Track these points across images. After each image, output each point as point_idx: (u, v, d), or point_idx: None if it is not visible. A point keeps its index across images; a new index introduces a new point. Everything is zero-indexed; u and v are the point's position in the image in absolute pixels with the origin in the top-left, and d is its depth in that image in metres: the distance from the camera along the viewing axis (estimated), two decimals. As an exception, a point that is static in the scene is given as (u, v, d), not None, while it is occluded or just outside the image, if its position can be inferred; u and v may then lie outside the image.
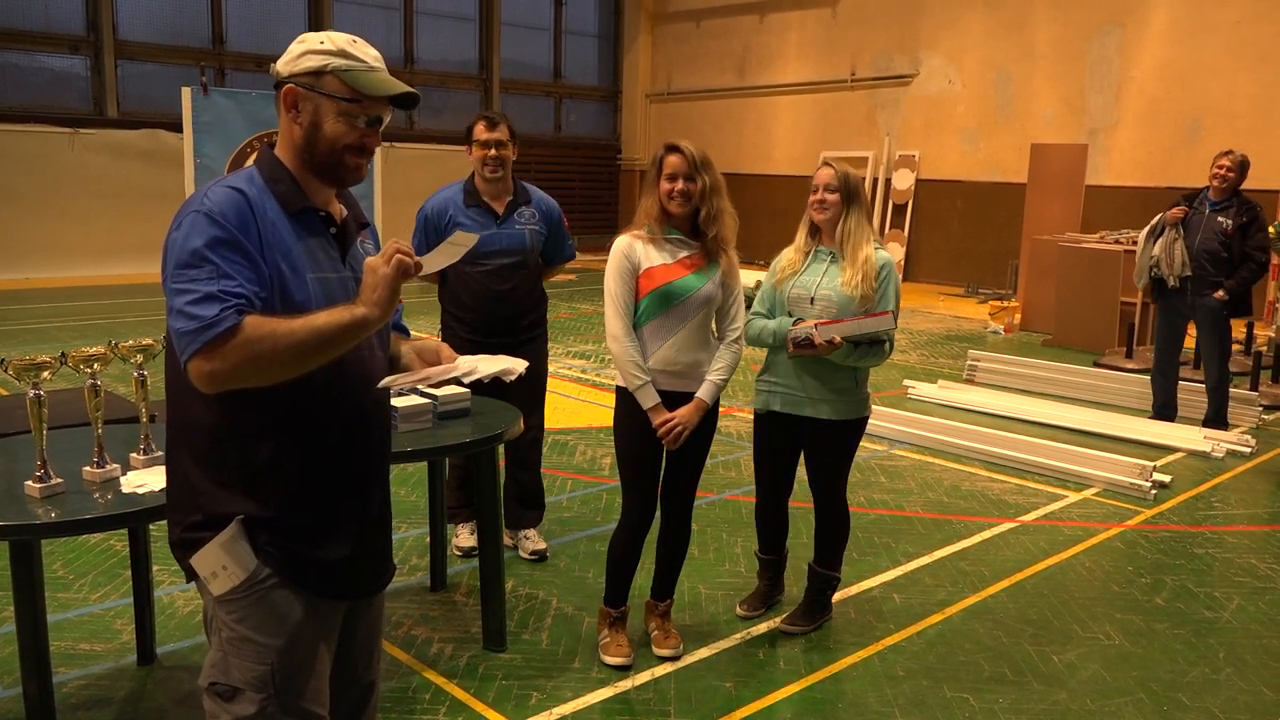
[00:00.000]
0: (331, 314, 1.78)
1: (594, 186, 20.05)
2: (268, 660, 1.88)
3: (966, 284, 15.06)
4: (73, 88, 14.62)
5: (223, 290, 1.72)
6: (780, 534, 3.97)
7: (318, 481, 1.92)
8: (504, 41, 18.78)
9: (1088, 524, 5.14)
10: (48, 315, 10.92)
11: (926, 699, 3.39)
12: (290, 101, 1.90)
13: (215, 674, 1.90)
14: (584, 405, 7.46)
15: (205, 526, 1.87)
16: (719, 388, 3.44)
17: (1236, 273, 6.59)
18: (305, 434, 1.89)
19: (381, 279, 1.80)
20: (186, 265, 1.76)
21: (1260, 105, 12.44)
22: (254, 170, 1.93)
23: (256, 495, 1.87)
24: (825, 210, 3.63)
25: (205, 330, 1.69)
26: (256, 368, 1.72)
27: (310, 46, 1.90)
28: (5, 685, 3.31)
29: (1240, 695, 3.48)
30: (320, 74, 1.88)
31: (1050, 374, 8.26)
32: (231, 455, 1.86)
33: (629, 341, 3.36)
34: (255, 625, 1.88)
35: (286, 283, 1.83)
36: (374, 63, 1.93)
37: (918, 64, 15.89)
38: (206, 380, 1.72)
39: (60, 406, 3.58)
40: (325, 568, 1.95)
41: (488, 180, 4.19)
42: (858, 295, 3.56)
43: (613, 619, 3.62)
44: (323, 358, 1.79)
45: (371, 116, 1.91)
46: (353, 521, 1.99)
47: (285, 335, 1.72)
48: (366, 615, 2.13)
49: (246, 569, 1.87)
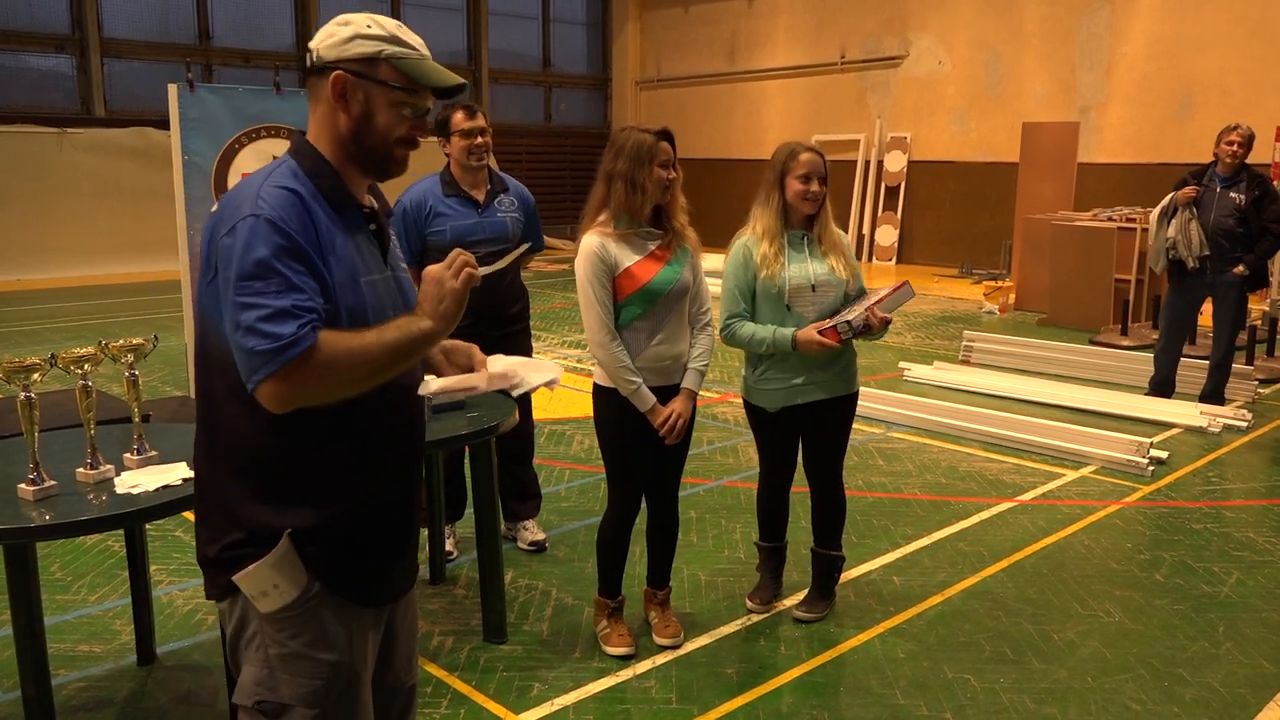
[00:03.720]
0: (399, 326, 1.71)
1: (585, 175, 19.81)
2: (322, 675, 1.81)
3: (960, 265, 15.06)
4: (59, 87, 14.55)
5: (295, 306, 1.62)
6: (782, 521, 3.96)
7: (369, 492, 1.84)
8: (492, 31, 18.71)
9: (1086, 502, 5.14)
10: (39, 317, 10.88)
11: (928, 680, 3.39)
12: (339, 90, 1.77)
13: (261, 691, 1.81)
14: (580, 395, 7.44)
15: (248, 543, 1.77)
16: (703, 374, 3.44)
17: (1256, 246, 6.60)
18: (356, 444, 1.81)
19: (449, 292, 1.73)
20: (251, 277, 1.62)
21: (1251, 80, 12.42)
22: (293, 163, 1.79)
23: (306, 508, 1.78)
24: (815, 201, 3.56)
25: (284, 350, 1.59)
26: (333, 386, 1.65)
27: (359, 30, 1.77)
28: (4, 689, 3.30)
29: (1240, 669, 3.48)
30: (374, 61, 1.76)
31: (1046, 353, 8.27)
32: (280, 468, 1.77)
33: (616, 347, 3.27)
34: (309, 640, 1.80)
35: (345, 289, 1.73)
36: (423, 50, 1.83)
37: (907, 45, 15.85)
38: (281, 401, 1.63)
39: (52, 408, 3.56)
40: (372, 577, 1.89)
41: (471, 169, 4.12)
42: (845, 275, 3.62)
43: (610, 609, 3.61)
44: (393, 373, 1.73)
45: (421, 107, 1.82)
46: (401, 529, 1.94)
47: (361, 352, 1.66)
48: (404, 618, 2.05)
49: (299, 585, 1.78)
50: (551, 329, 10.26)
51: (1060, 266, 10.38)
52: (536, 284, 13.60)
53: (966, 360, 8.55)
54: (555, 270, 15.02)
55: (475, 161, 4.10)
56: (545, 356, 8.70)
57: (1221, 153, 6.67)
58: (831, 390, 3.67)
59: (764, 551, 4.00)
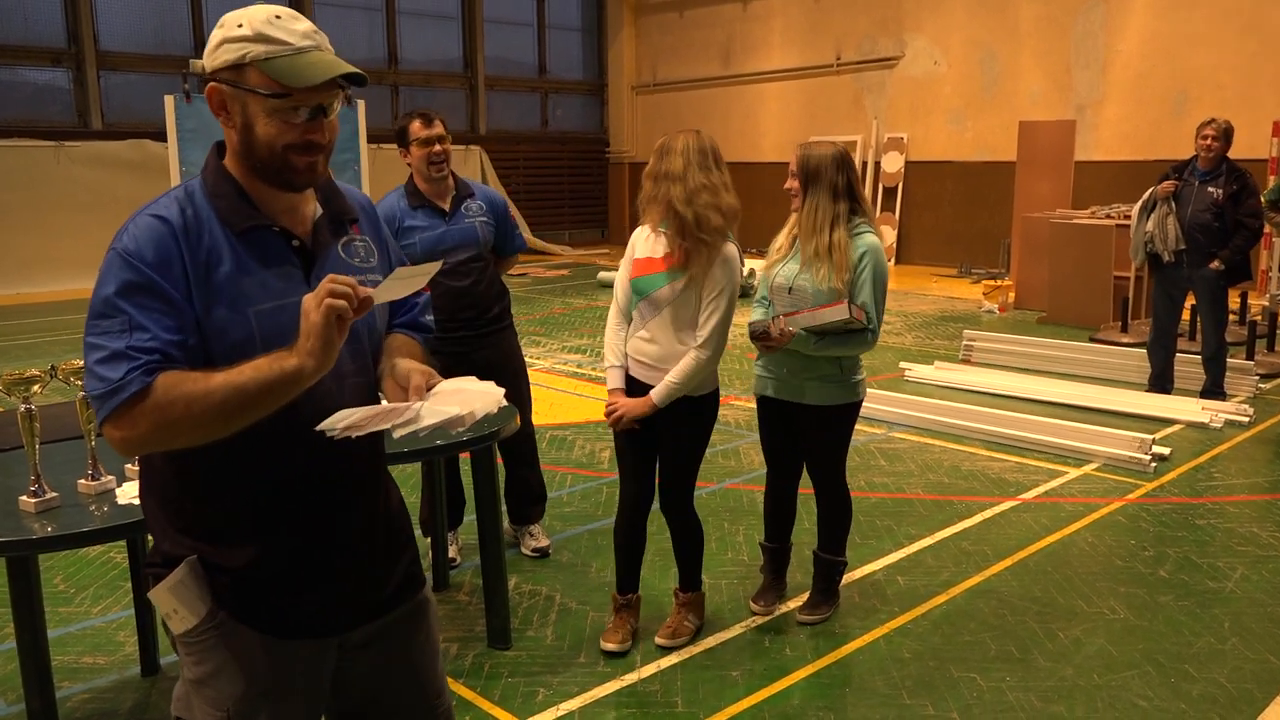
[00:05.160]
0: (257, 366, 1.53)
1: (583, 181, 20.00)
2: (224, 706, 1.75)
3: (959, 264, 15.06)
4: (56, 100, 14.57)
5: (131, 347, 1.53)
6: (786, 521, 3.96)
7: (274, 530, 1.73)
8: (488, 38, 18.73)
9: (1088, 499, 5.14)
10: (39, 330, 10.88)
11: (934, 680, 3.39)
12: (217, 103, 1.63)
13: (180, 708, 1.82)
14: (581, 400, 7.45)
15: (163, 565, 1.73)
16: (672, 390, 3.34)
17: (1231, 241, 6.59)
18: (257, 482, 1.70)
19: (312, 327, 1.52)
20: (99, 315, 1.57)
21: (1246, 75, 12.44)
22: (198, 182, 1.69)
23: (211, 540, 1.71)
24: (793, 198, 3.61)
25: (112, 396, 1.52)
26: (173, 432, 1.54)
27: (227, 33, 1.60)
28: (9, 701, 3.30)
29: (1246, 664, 3.48)
30: (240, 67, 1.60)
31: (1046, 351, 8.26)
32: (185, 499, 1.72)
33: (615, 324, 3.53)
34: (213, 669, 1.74)
35: (223, 323, 1.61)
36: (301, 41, 1.61)
37: (902, 46, 15.86)
38: (121, 446, 1.56)
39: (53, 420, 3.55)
40: (289, 610, 1.76)
41: (432, 180, 4.05)
42: (826, 286, 3.49)
43: (618, 605, 3.67)
44: (252, 415, 1.55)
45: (312, 106, 1.61)
46: (318, 565, 1.78)
47: (202, 396, 1.51)
48: (408, 647, 1.92)
49: (197, 614, 1.71)
50: (551, 334, 10.25)
51: (1059, 265, 10.38)
52: (535, 290, 13.60)
53: (967, 360, 8.54)
54: (554, 276, 15.03)
55: (436, 172, 4.04)
56: (538, 363, 8.69)
57: (1198, 148, 6.69)
58: (797, 395, 3.65)
59: (766, 552, 4.01)
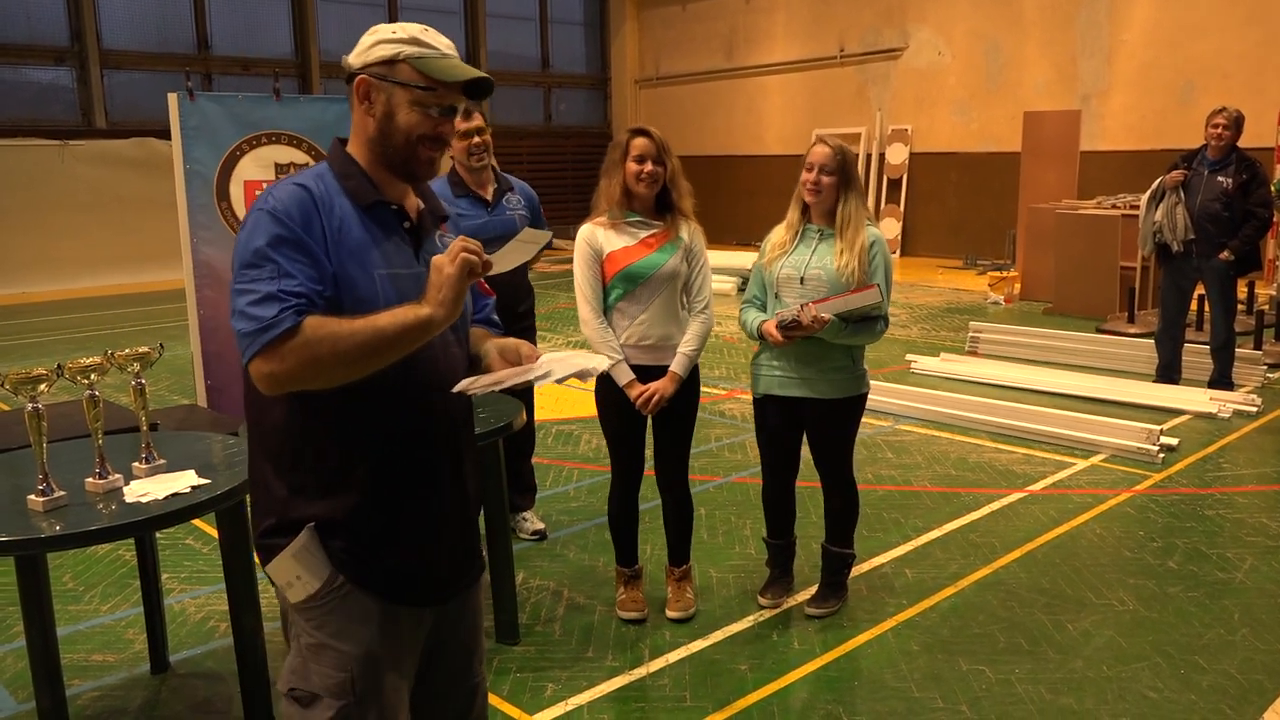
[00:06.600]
0: (395, 314, 1.72)
1: (586, 175, 19.82)
2: (347, 668, 1.84)
3: (965, 256, 15.02)
4: (60, 99, 14.58)
5: (283, 290, 1.68)
6: (788, 518, 3.95)
7: (387, 486, 1.85)
8: (490, 33, 18.71)
9: (1097, 491, 5.12)
10: (44, 329, 10.90)
11: (943, 673, 3.38)
12: (363, 93, 1.85)
13: (295, 680, 1.87)
14: (586, 395, 7.43)
15: (279, 532, 1.83)
16: (690, 359, 3.57)
17: (1240, 231, 6.56)
18: (373, 437, 1.83)
19: (446, 279, 1.74)
20: (249, 265, 1.72)
21: (1251, 64, 12.37)
22: (325, 165, 1.89)
23: (328, 500, 1.82)
24: (818, 193, 3.58)
25: (265, 331, 1.66)
26: (317, 369, 1.68)
27: (382, 36, 1.86)
28: (20, 699, 3.31)
29: (1257, 655, 3.47)
30: (393, 63, 1.83)
31: (1053, 342, 8.24)
32: (305, 459, 1.82)
33: (599, 323, 3.57)
34: (334, 632, 1.84)
35: (354, 280, 1.78)
36: (447, 50, 1.88)
37: (906, 37, 15.81)
38: (267, 382, 1.69)
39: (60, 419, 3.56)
40: (400, 573, 1.88)
41: (473, 169, 4.23)
42: (849, 273, 3.54)
43: (626, 578, 3.83)
44: (387, 358, 1.73)
45: (445, 106, 1.86)
46: (425, 526, 1.91)
47: (347, 336, 1.68)
48: (463, 616, 2.05)
49: (320, 577, 1.82)
50: (556, 329, 10.25)
51: (1065, 255, 10.35)
52: (540, 284, 13.56)
53: (973, 351, 8.53)
54: (559, 271, 15.02)
55: (476, 162, 4.21)
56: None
57: (1208, 136, 6.65)
58: (814, 390, 3.63)
59: (771, 548, 3.99)
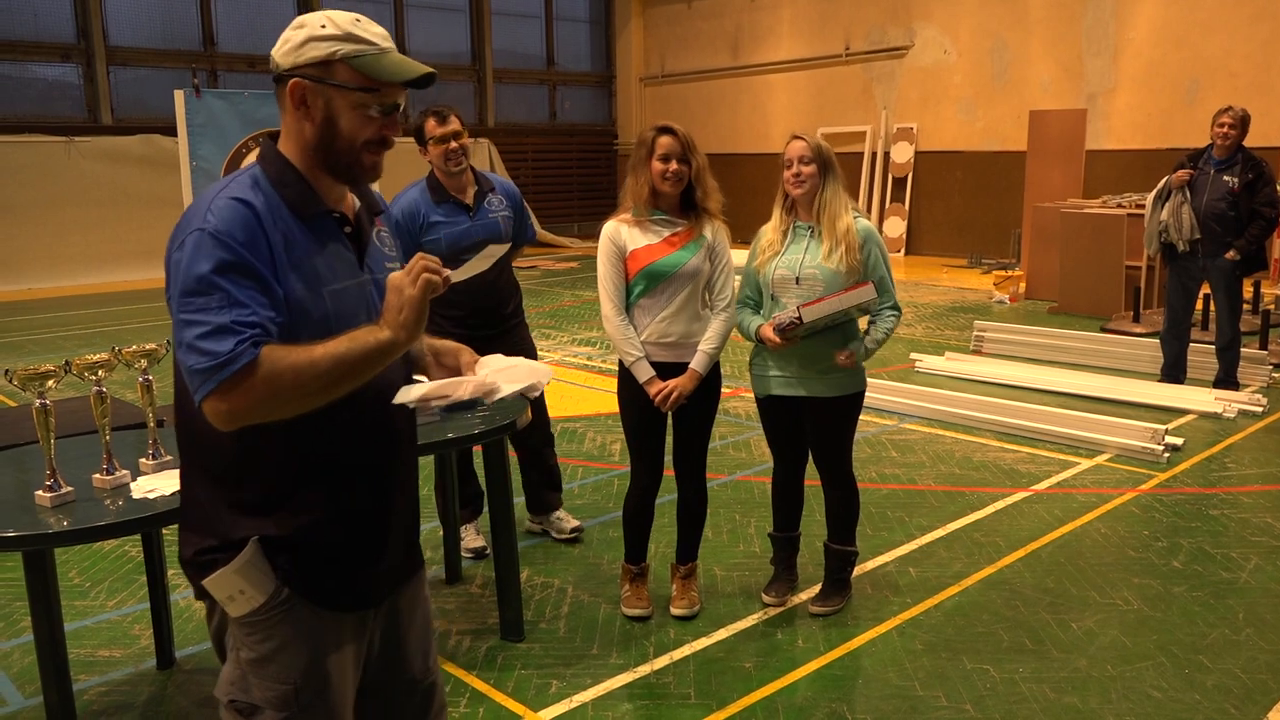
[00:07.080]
0: (354, 338, 1.64)
1: (591, 172, 19.97)
2: (290, 680, 1.79)
3: (970, 255, 15.01)
4: (66, 96, 14.62)
5: (236, 321, 1.58)
6: (796, 508, 3.95)
7: (340, 501, 1.80)
8: (495, 31, 18.71)
9: (1101, 490, 5.12)
10: (51, 325, 10.92)
11: (947, 671, 3.39)
12: (298, 97, 1.72)
13: (235, 691, 1.82)
14: (591, 392, 7.45)
15: (220, 550, 1.76)
16: (712, 357, 3.57)
17: (1246, 231, 6.55)
18: (326, 453, 1.77)
19: (408, 300, 1.65)
20: (193, 293, 1.60)
21: (1258, 63, 12.35)
22: (258, 171, 1.76)
23: (274, 516, 1.76)
24: (802, 184, 3.58)
25: (221, 369, 1.56)
26: (277, 402, 1.61)
27: (312, 33, 1.72)
28: (27, 694, 3.32)
29: (1262, 655, 3.46)
30: (328, 64, 1.71)
31: (1058, 341, 8.23)
32: (248, 477, 1.75)
33: (620, 320, 3.55)
34: (277, 646, 1.79)
35: (304, 302, 1.69)
36: (383, 43, 1.75)
37: (912, 35, 15.79)
38: (225, 419, 1.60)
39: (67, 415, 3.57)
40: (346, 584, 1.84)
41: (451, 174, 4.10)
42: (843, 269, 3.53)
43: (633, 575, 3.81)
44: (348, 386, 1.66)
45: (388, 105, 1.75)
46: (373, 537, 1.87)
47: (308, 367, 1.60)
48: (412, 612, 2.01)
49: (265, 592, 1.76)
50: (561, 327, 10.26)
51: (1070, 254, 10.33)
52: (545, 282, 13.61)
53: (978, 350, 8.52)
54: (563, 269, 15.02)
55: (455, 167, 4.07)
56: (548, 355, 8.72)
57: (1214, 135, 6.64)
58: (812, 389, 3.64)
59: (775, 542, 4.00)
